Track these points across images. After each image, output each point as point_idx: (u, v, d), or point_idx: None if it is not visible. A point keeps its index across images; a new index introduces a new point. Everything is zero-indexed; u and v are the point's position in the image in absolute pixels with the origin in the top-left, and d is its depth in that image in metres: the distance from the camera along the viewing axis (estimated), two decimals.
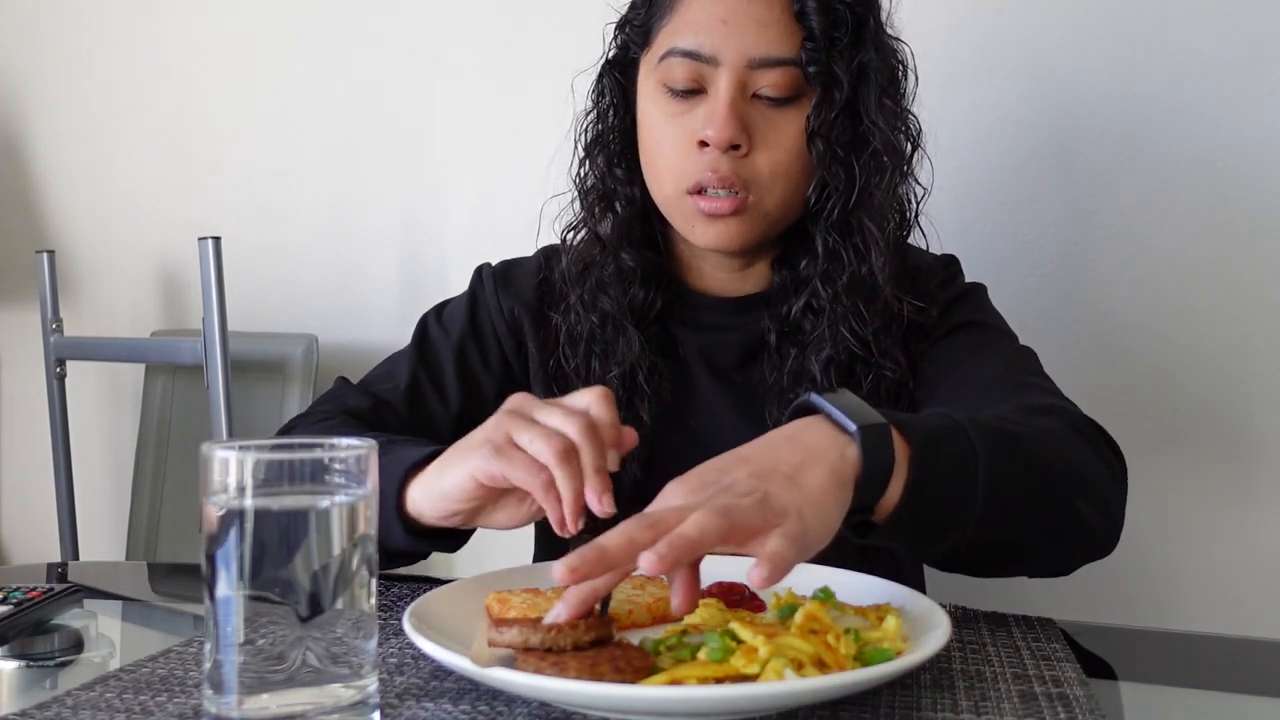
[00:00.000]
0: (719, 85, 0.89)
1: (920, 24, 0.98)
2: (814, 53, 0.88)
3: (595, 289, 0.98)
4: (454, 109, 1.71)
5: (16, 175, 1.95)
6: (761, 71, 0.88)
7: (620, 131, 0.99)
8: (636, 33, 0.96)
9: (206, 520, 0.53)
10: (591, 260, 0.99)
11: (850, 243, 0.92)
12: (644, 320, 0.98)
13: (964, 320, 0.98)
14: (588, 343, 0.98)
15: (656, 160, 0.93)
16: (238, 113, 1.83)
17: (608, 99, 0.99)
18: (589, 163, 1.00)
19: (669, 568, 0.55)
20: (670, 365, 0.98)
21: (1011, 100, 1.43)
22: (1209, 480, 1.40)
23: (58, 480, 1.78)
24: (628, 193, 0.98)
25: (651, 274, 0.98)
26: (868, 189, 0.91)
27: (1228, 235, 1.38)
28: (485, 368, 1.02)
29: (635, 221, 0.98)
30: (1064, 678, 0.65)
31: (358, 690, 0.54)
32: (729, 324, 1.00)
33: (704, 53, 0.89)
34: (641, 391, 0.96)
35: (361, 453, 0.56)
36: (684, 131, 0.90)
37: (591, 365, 0.97)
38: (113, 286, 1.92)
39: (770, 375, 0.96)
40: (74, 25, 1.90)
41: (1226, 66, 1.36)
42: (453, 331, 1.03)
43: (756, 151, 0.89)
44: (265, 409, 1.69)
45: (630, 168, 0.98)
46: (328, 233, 1.78)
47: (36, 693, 0.66)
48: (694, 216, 0.92)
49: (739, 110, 0.88)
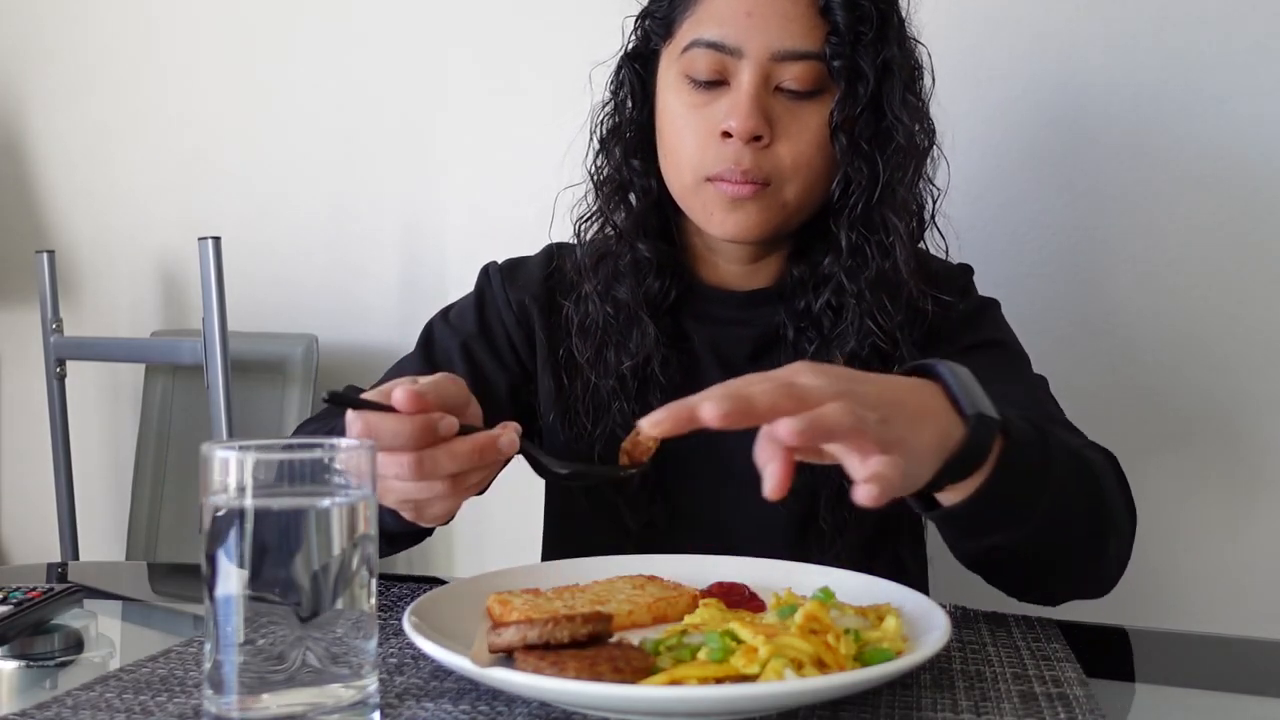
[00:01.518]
0: (742, 77, 0.89)
1: (922, 23, 0.98)
2: (838, 47, 0.88)
3: (610, 279, 0.98)
4: (454, 109, 1.71)
5: (16, 175, 1.95)
6: (785, 65, 0.88)
7: (638, 123, 0.99)
8: (658, 24, 0.96)
9: (206, 520, 0.53)
10: (607, 250, 0.99)
11: (874, 238, 0.92)
12: (657, 312, 0.98)
13: (985, 338, 0.98)
14: (602, 333, 0.97)
15: (678, 150, 0.93)
16: (238, 113, 1.83)
17: (626, 90, 0.99)
18: (605, 154, 1.00)
19: (804, 443, 0.56)
20: (681, 358, 0.98)
21: (1012, 100, 1.43)
22: (1210, 480, 1.40)
23: (58, 480, 1.78)
24: (644, 184, 0.98)
25: (666, 265, 0.98)
26: (891, 184, 0.91)
27: (1231, 235, 1.37)
28: (496, 364, 1.02)
29: (651, 212, 0.98)
30: (1064, 678, 0.65)
31: (358, 690, 0.54)
32: (741, 318, 1.00)
33: (728, 44, 0.89)
34: (654, 382, 0.96)
35: (362, 453, 0.56)
36: (706, 122, 0.90)
37: (604, 355, 0.97)
38: (113, 286, 1.92)
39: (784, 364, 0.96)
40: (74, 25, 1.90)
41: (1231, 65, 1.36)
42: (461, 330, 1.03)
43: (778, 142, 0.89)
44: (265, 409, 1.69)
45: (647, 159, 0.98)
46: (328, 233, 1.78)
47: (36, 693, 0.66)
48: (713, 203, 0.91)
49: (762, 102, 0.88)
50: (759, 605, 0.71)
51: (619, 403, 0.96)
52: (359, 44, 1.75)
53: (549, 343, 1.01)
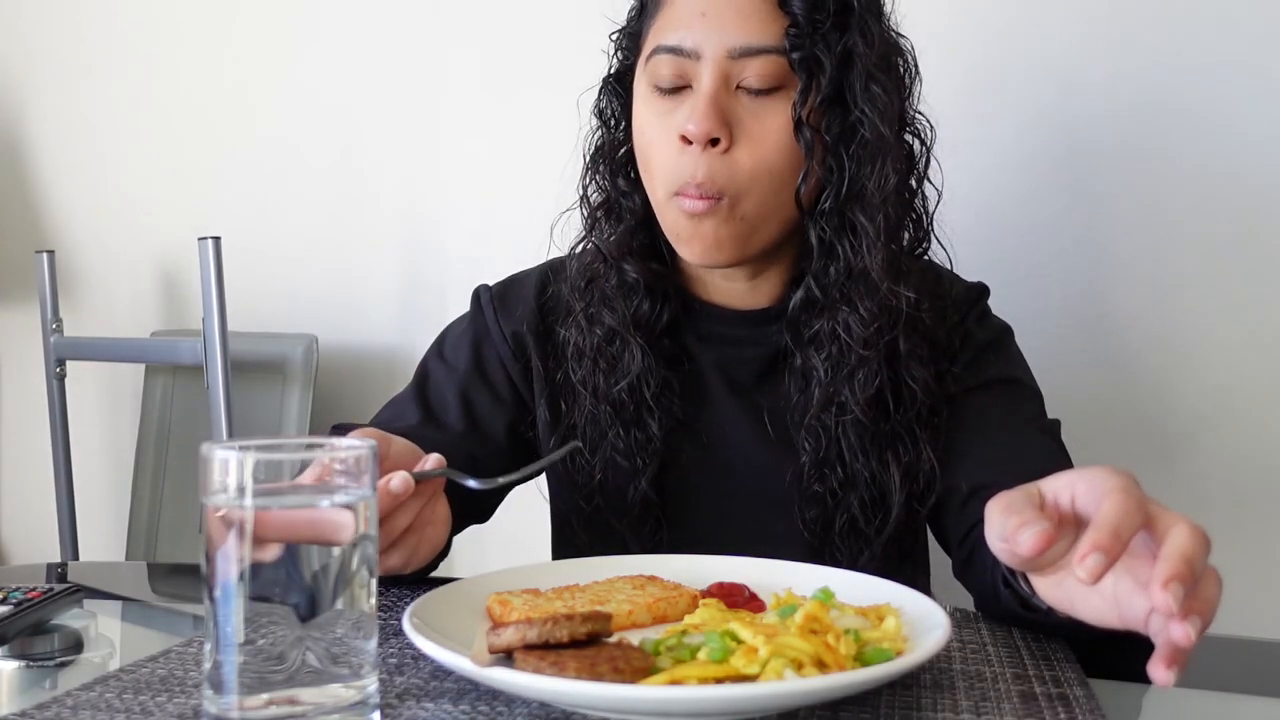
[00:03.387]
0: (701, 79, 0.87)
1: (924, 26, 0.97)
2: (798, 39, 0.86)
3: (599, 302, 0.96)
4: (455, 108, 1.71)
5: (16, 175, 1.95)
6: (744, 62, 0.86)
7: (622, 142, 0.98)
8: (629, 39, 0.96)
9: (206, 520, 0.53)
10: (595, 273, 0.97)
11: (844, 236, 0.90)
12: (651, 333, 0.96)
13: (1000, 375, 0.96)
14: (592, 356, 0.96)
15: (651, 161, 0.91)
16: (238, 113, 1.83)
17: (610, 111, 0.98)
18: (593, 175, 0.99)
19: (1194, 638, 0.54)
20: (683, 379, 0.97)
21: (1013, 101, 1.43)
22: (1210, 480, 1.40)
23: (58, 480, 1.78)
24: (630, 204, 0.97)
25: (656, 285, 0.96)
26: (858, 180, 0.88)
27: (1230, 236, 1.37)
28: (493, 403, 1.00)
29: (638, 232, 0.97)
30: (1064, 678, 0.65)
31: (358, 690, 0.54)
32: (745, 337, 0.97)
33: (685, 47, 0.87)
34: (650, 406, 0.95)
35: (361, 453, 0.56)
36: (670, 130, 0.88)
37: (597, 379, 0.96)
38: (113, 286, 1.92)
39: (793, 389, 0.94)
40: (74, 25, 1.90)
41: (1229, 68, 1.36)
42: (456, 369, 1.01)
43: (738, 146, 0.87)
44: (265, 409, 1.69)
45: (632, 178, 0.97)
46: (328, 233, 1.78)
47: (36, 693, 0.66)
48: (677, 223, 0.89)
49: (720, 103, 0.86)
50: (759, 605, 0.71)
51: (616, 428, 0.95)
52: (359, 44, 1.75)
53: (545, 372, 1.00)
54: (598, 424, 0.96)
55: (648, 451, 0.95)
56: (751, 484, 0.96)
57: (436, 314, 1.71)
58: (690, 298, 0.99)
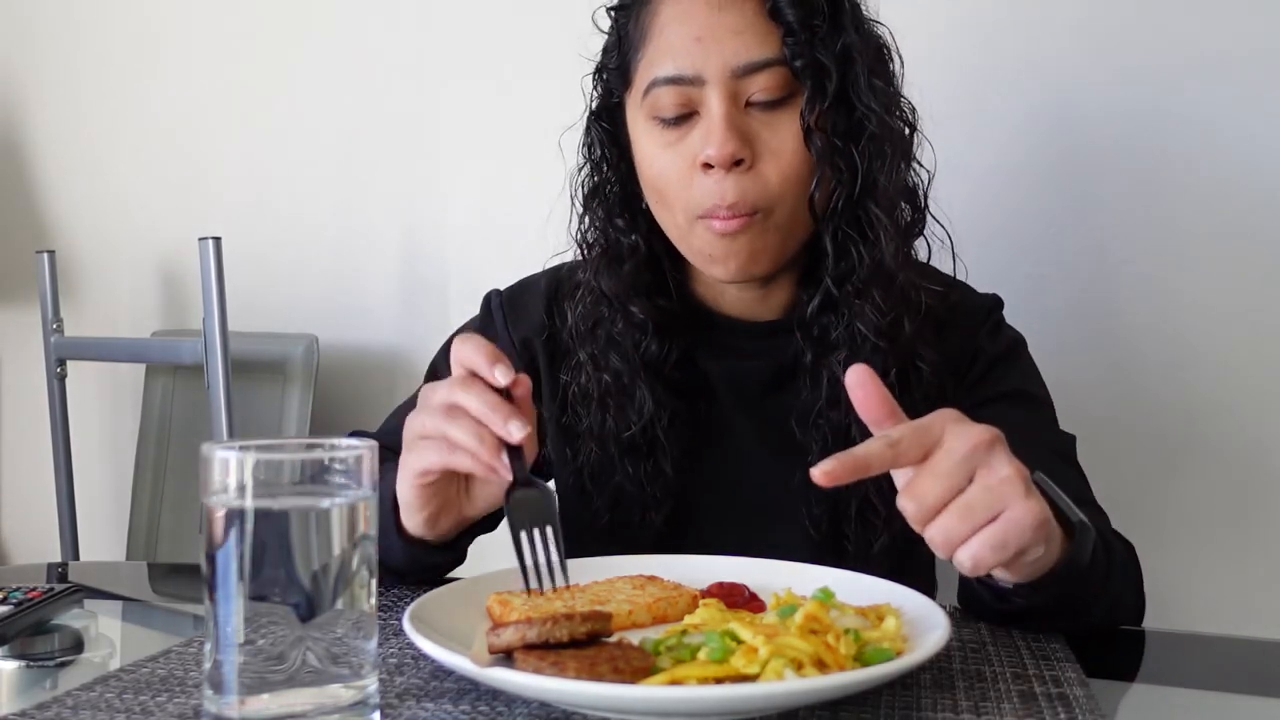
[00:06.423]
0: (710, 103, 0.86)
1: (922, 26, 0.97)
2: (796, 47, 0.85)
3: (606, 346, 0.95)
4: (455, 109, 1.71)
5: (16, 175, 1.95)
6: (749, 78, 0.86)
7: (617, 180, 0.96)
8: (615, 75, 0.94)
9: (206, 520, 0.53)
10: (600, 316, 0.95)
11: (860, 233, 0.89)
12: (660, 372, 0.95)
13: (1013, 388, 0.96)
14: (600, 401, 0.95)
15: (664, 193, 0.90)
16: (238, 113, 1.83)
17: (599, 150, 0.96)
18: (589, 216, 0.97)
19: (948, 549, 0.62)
20: (694, 403, 0.96)
21: (1012, 103, 1.43)
22: (1210, 480, 1.40)
23: (58, 480, 1.78)
24: (630, 242, 0.95)
25: (665, 323, 0.95)
26: (871, 175, 0.88)
27: (1231, 236, 1.37)
28: None
29: (642, 270, 0.95)
30: (1064, 678, 0.65)
31: (358, 690, 0.54)
32: (757, 349, 0.97)
33: (686, 74, 0.86)
34: (661, 445, 0.94)
35: (362, 453, 0.56)
36: (683, 158, 0.87)
37: (606, 423, 0.94)
38: (113, 286, 1.92)
39: (804, 393, 0.93)
40: (74, 25, 1.90)
41: (1229, 69, 1.36)
42: None
43: (761, 162, 0.86)
44: (265, 409, 1.69)
45: (631, 215, 0.95)
46: (328, 233, 1.78)
47: (36, 693, 0.66)
48: (708, 244, 0.88)
49: (736, 124, 0.85)
50: (759, 605, 0.71)
51: (625, 469, 0.94)
52: (359, 44, 1.75)
53: (551, 379, 0.99)
54: (605, 465, 0.95)
55: (658, 484, 0.94)
56: (760, 496, 0.96)
57: (436, 314, 1.71)
58: (704, 312, 0.98)
